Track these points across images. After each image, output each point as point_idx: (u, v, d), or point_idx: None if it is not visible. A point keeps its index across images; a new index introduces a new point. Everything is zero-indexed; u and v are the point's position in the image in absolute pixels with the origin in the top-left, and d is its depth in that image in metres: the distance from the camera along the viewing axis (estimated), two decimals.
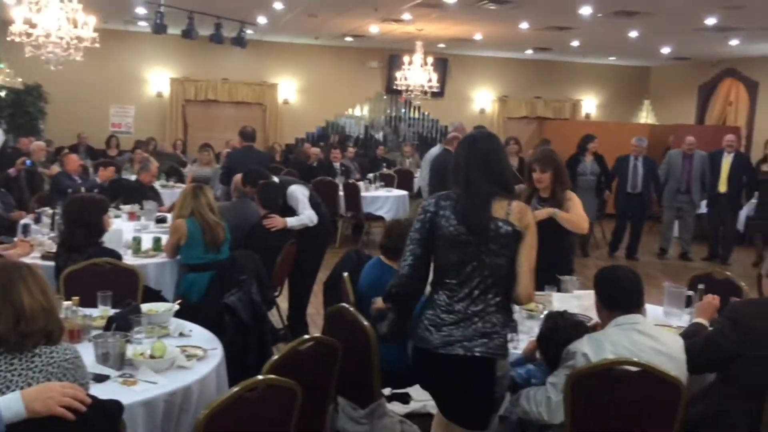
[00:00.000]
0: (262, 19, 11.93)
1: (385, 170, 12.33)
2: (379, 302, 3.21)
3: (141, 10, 11.71)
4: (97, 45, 7.44)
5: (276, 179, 6.10)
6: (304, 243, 5.82)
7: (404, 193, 10.73)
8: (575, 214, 4.57)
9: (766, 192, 9.99)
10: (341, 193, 10.28)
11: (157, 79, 15.13)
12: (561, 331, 3.09)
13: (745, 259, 10.15)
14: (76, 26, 7.13)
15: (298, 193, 5.85)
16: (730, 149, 10.02)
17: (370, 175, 11.44)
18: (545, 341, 3.15)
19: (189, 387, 2.88)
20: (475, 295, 2.86)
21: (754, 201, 10.38)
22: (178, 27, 11.07)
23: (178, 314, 3.68)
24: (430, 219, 2.93)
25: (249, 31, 12.31)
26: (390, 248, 3.82)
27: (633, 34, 11.81)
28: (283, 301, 6.13)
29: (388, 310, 3.07)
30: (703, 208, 10.49)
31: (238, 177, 6.41)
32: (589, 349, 2.88)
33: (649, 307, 4.09)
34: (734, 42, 12.24)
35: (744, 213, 10.52)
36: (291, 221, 5.73)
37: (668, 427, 2.85)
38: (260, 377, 2.56)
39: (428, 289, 3.05)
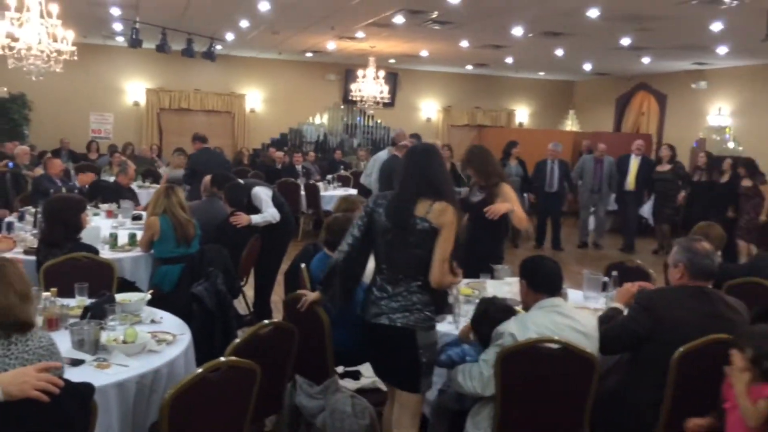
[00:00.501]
0: (229, 36, 11.77)
1: (342, 172, 12.34)
2: None
3: (118, 26, 11.45)
4: (75, 58, 7.24)
5: (241, 181, 6.07)
6: (268, 237, 5.83)
7: (355, 191, 10.73)
8: (519, 211, 4.73)
9: (660, 189, 10.25)
10: (303, 192, 10.27)
11: (134, 89, 14.82)
12: (491, 314, 3.12)
13: (648, 247, 10.48)
14: (55, 40, 6.93)
15: (262, 193, 5.86)
16: (638, 152, 10.29)
17: (329, 177, 11.52)
18: (478, 323, 3.17)
19: (159, 369, 2.84)
20: (399, 278, 3.08)
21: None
22: (152, 42, 10.86)
23: (152, 303, 3.63)
24: (369, 213, 3.18)
25: (218, 46, 12.14)
26: (332, 242, 3.83)
27: (559, 52, 11.96)
28: (249, 290, 6.10)
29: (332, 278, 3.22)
30: (614, 204, 10.78)
31: (207, 178, 6.34)
32: (515, 329, 2.92)
33: (571, 292, 4.17)
34: (646, 60, 12.48)
35: (647, 207, 10.80)
36: (255, 218, 5.73)
37: (584, 397, 2.90)
38: (223, 359, 2.53)
39: None
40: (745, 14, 8.05)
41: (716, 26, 8.86)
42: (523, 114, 17.65)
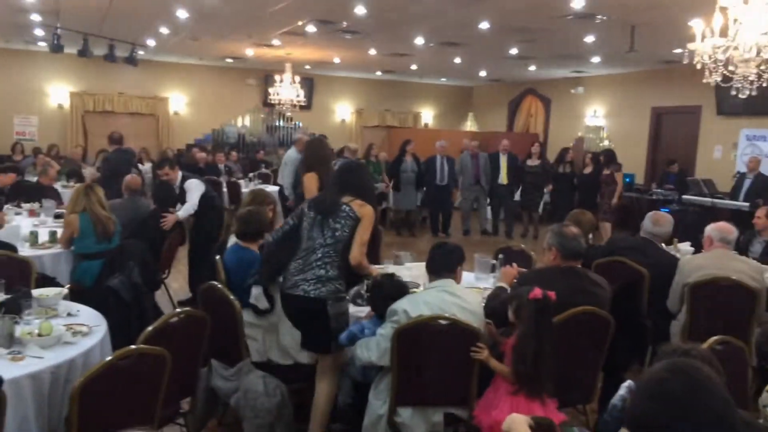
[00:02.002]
0: (150, 42, 11.32)
1: (263, 170, 12.15)
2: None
3: (39, 32, 10.80)
4: None
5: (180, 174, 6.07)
6: (200, 229, 5.86)
7: (277, 188, 10.59)
8: None
9: (531, 181, 10.58)
10: (225, 189, 10.04)
11: (58, 92, 14.00)
12: (385, 288, 3.19)
13: (517, 231, 10.86)
14: None
15: (193, 185, 5.90)
16: (504, 151, 10.63)
17: (251, 174, 11.33)
18: (373, 296, 3.25)
19: (73, 360, 2.71)
20: (318, 256, 3.25)
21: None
22: (74, 47, 10.30)
23: (75, 298, 3.47)
24: (302, 210, 3.42)
25: (140, 52, 11.66)
26: (243, 232, 3.80)
27: (457, 60, 12.19)
28: (173, 281, 5.98)
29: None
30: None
31: (128, 178, 6.13)
32: (408, 306, 2.97)
33: (465, 273, 4.27)
34: (532, 67, 12.89)
35: (516, 196, 11.13)
36: (180, 214, 5.71)
37: (471, 365, 2.98)
38: (133, 347, 2.44)
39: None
40: (613, 29, 8.47)
41: (589, 39, 9.27)
42: (428, 116, 17.88)
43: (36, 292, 3.37)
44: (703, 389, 1.37)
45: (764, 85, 4.55)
